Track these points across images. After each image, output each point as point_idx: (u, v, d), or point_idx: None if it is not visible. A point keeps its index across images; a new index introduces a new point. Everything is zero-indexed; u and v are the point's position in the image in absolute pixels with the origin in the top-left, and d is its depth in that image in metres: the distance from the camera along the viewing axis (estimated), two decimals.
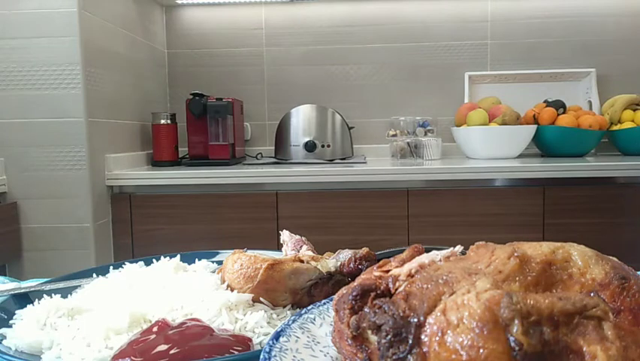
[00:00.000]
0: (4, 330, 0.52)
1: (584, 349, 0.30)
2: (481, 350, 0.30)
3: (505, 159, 1.99)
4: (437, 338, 0.31)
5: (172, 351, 0.43)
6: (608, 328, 0.31)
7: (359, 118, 2.35)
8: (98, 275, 0.66)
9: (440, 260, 0.40)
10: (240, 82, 2.37)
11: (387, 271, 0.40)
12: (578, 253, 0.37)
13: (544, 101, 2.14)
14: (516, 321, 0.30)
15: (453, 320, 0.31)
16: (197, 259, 0.70)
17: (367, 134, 2.36)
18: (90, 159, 1.62)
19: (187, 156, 2.02)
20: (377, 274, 0.40)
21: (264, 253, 0.66)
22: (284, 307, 0.55)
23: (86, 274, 0.67)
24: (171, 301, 0.54)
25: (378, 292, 0.37)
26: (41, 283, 0.63)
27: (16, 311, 0.57)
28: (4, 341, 0.50)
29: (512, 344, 0.30)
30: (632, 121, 2.09)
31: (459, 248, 0.43)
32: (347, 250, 0.58)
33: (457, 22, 2.31)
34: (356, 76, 2.36)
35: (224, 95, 2.22)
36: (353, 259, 0.56)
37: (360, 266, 0.55)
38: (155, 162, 1.99)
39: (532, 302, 0.31)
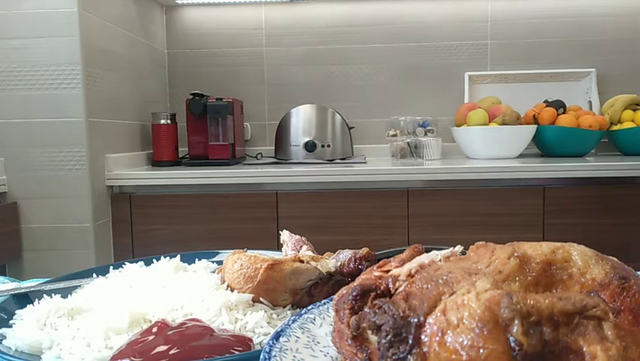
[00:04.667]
0: (4, 330, 0.52)
1: (584, 349, 0.30)
2: (481, 350, 0.30)
3: (505, 159, 1.99)
4: (437, 338, 0.31)
5: (172, 351, 0.43)
6: (608, 328, 0.31)
7: (359, 118, 2.35)
8: (98, 275, 0.66)
9: (440, 260, 0.40)
10: (240, 82, 2.37)
11: (387, 271, 0.40)
12: (578, 253, 0.37)
13: (544, 101, 2.14)
14: (516, 321, 0.30)
15: (453, 320, 0.31)
16: (197, 259, 0.70)
17: (367, 134, 2.36)
18: (90, 159, 1.62)
19: (187, 156, 2.02)
20: (377, 274, 0.40)
21: (264, 253, 0.66)
22: (284, 307, 0.55)
23: (86, 274, 0.67)
24: (171, 301, 0.53)
25: (378, 292, 0.37)
26: (41, 283, 0.63)
27: (16, 311, 0.57)
28: (4, 341, 0.50)
29: (512, 344, 0.30)
30: (632, 121, 2.09)
31: (459, 248, 0.43)
32: (347, 250, 0.58)
33: (457, 22, 2.31)
34: (356, 76, 2.36)
35: (224, 95, 2.22)
36: (353, 259, 0.56)
37: (360, 266, 0.55)
38: (155, 162, 1.99)
39: (532, 302, 0.31)
